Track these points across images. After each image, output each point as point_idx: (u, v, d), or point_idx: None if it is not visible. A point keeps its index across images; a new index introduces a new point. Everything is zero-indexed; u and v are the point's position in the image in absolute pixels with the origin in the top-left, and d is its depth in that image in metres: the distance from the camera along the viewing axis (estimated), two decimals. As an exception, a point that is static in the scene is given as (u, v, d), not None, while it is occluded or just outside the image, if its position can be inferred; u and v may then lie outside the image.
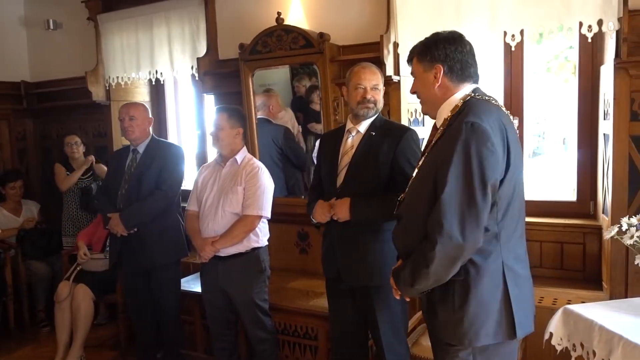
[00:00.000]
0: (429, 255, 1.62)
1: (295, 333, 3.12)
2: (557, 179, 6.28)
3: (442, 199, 1.60)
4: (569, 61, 6.41)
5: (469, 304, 1.68)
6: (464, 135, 1.61)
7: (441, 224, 1.59)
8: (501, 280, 1.70)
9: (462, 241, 1.59)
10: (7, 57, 4.74)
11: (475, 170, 1.59)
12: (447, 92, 1.78)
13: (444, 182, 1.61)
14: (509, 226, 1.71)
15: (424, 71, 1.81)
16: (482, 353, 1.72)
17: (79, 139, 4.21)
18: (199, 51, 3.88)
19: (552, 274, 3.06)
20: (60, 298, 3.59)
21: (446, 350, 1.77)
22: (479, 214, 1.60)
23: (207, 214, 2.89)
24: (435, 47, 1.78)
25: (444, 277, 1.67)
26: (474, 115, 1.64)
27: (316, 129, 3.80)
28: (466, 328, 1.69)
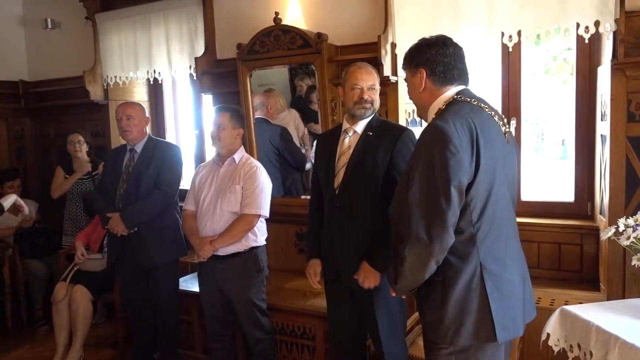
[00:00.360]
0: (402, 255, 1.70)
1: (292, 333, 3.12)
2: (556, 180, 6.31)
3: (408, 201, 1.67)
4: (568, 62, 6.42)
5: (447, 304, 1.72)
6: (426, 138, 1.69)
7: (408, 226, 1.66)
8: (478, 282, 1.71)
9: (429, 242, 1.64)
10: (5, 56, 4.74)
11: (437, 172, 1.63)
12: (432, 95, 1.84)
13: (410, 184, 1.67)
14: (487, 228, 1.72)
15: (411, 76, 1.89)
16: (462, 353, 1.75)
17: (82, 138, 4.19)
18: (197, 51, 3.88)
19: (550, 274, 3.07)
20: (57, 299, 3.58)
21: (431, 348, 1.82)
22: (443, 215, 1.63)
23: (205, 213, 2.89)
24: (417, 51, 1.87)
25: (420, 276, 1.72)
26: (440, 118, 1.70)
27: (315, 129, 3.80)
28: (446, 327, 1.73)
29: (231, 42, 3.65)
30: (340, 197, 2.45)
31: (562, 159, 9.32)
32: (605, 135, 2.79)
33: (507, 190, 1.81)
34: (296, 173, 3.86)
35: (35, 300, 4.26)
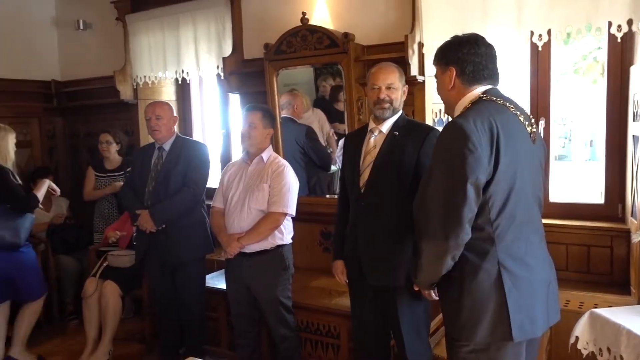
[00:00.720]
0: (420, 249, 1.78)
1: (317, 331, 3.14)
2: (583, 182, 6.19)
3: (426, 196, 1.71)
4: (598, 62, 6.30)
5: (464, 300, 1.74)
6: (446, 135, 1.72)
7: (426, 221, 1.71)
8: (497, 281, 1.71)
9: (445, 238, 1.67)
10: (39, 57, 4.87)
11: (454, 168, 1.65)
12: (460, 94, 1.86)
13: (427, 180, 1.72)
14: (506, 227, 1.72)
15: (441, 73, 1.91)
16: (483, 352, 1.75)
17: (111, 138, 4.27)
18: (225, 51, 3.93)
19: (579, 277, 3.02)
20: (87, 294, 3.67)
21: (452, 345, 1.83)
22: (459, 211, 1.65)
23: (233, 211, 2.93)
24: (448, 49, 1.88)
25: (437, 270, 1.76)
26: (461, 115, 1.73)
27: (339, 129, 3.81)
28: (463, 323, 1.75)
29: (258, 42, 3.69)
30: (365, 196, 2.46)
31: (590, 160, 9.14)
32: (637, 136, 2.73)
33: (532, 190, 1.80)
34: (321, 172, 3.88)
35: (66, 295, 4.37)
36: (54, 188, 3.75)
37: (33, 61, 4.81)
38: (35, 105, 4.79)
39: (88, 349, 3.64)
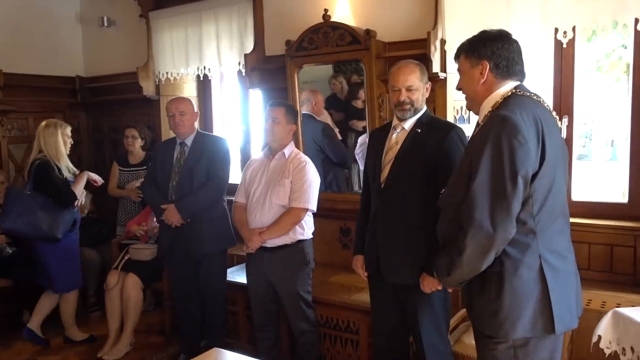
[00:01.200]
0: (461, 245, 1.70)
1: (337, 326, 3.15)
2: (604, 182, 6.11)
3: (472, 190, 1.68)
4: (621, 60, 6.20)
5: (504, 296, 1.72)
6: (495, 127, 1.68)
7: (472, 214, 1.67)
8: (539, 274, 1.72)
9: (492, 231, 1.65)
10: (64, 53, 4.96)
11: (505, 161, 1.64)
12: (491, 88, 1.84)
13: (475, 173, 1.68)
14: (546, 221, 1.73)
15: (471, 67, 1.87)
16: (522, 348, 1.74)
17: (137, 133, 4.34)
18: (247, 47, 3.96)
19: (601, 277, 2.99)
20: (110, 286, 3.73)
21: (485, 343, 1.81)
22: (508, 205, 1.64)
23: (255, 206, 2.96)
24: (482, 44, 1.85)
25: (477, 267, 1.73)
26: (506, 109, 1.71)
27: (357, 127, 3.82)
28: (502, 320, 1.72)
29: (280, 38, 3.71)
30: (385, 192, 2.47)
31: (611, 160, 9.02)
32: (663, 135, 2.70)
33: (564, 185, 1.82)
34: (338, 169, 3.87)
35: (88, 287, 4.43)
36: (95, 179, 3.84)
37: (58, 57, 4.90)
38: (60, 101, 4.89)
39: (110, 340, 3.70)
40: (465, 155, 1.84)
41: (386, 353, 2.66)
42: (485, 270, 1.74)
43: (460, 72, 1.95)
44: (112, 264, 3.93)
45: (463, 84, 1.94)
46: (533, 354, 1.75)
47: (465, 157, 1.82)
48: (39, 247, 3.62)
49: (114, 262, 3.92)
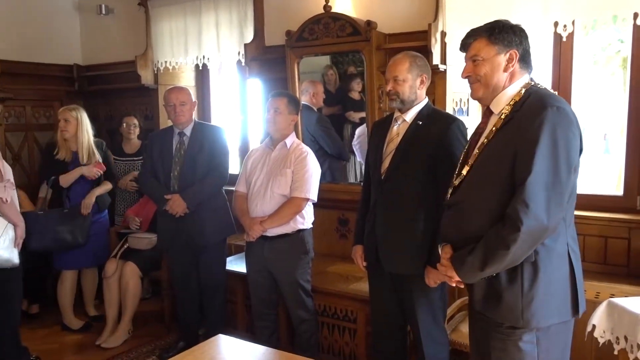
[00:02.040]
0: (510, 238, 1.64)
1: (335, 315, 3.19)
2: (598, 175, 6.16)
3: (529, 181, 1.63)
4: (618, 53, 6.23)
5: (538, 285, 1.73)
6: (551, 118, 1.65)
7: (528, 205, 1.63)
8: (567, 260, 1.77)
9: (547, 223, 1.64)
10: (61, 41, 4.92)
11: (562, 152, 1.64)
12: (513, 78, 1.82)
13: (530, 164, 1.64)
14: (570, 209, 1.78)
15: (497, 54, 1.80)
16: (545, 333, 1.77)
17: (137, 122, 4.35)
18: (246, 37, 3.95)
19: (595, 268, 3.03)
20: (108, 274, 3.75)
21: (507, 334, 1.79)
22: (562, 196, 1.66)
23: (256, 195, 2.98)
24: (512, 31, 1.81)
25: (519, 259, 1.71)
26: (555, 100, 1.70)
27: (354, 118, 3.84)
28: (534, 309, 1.73)
29: (280, 29, 3.71)
30: (385, 183, 2.49)
31: (605, 153, 9.09)
32: (659, 128, 2.74)
33: None
34: (333, 160, 3.88)
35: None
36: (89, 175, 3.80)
37: (55, 45, 4.87)
38: (57, 89, 4.86)
39: (108, 328, 3.73)
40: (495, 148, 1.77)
41: (384, 342, 2.70)
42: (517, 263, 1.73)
43: (477, 57, 1.83)
44: (111, 252, 3.94)
45: (481, 71, 1.83)
46: (555, 338, 1.79)
47: (498, 149, 1.76)
48: None
49: (113, 250, 3.94)
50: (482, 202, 1.77)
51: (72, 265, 3.90)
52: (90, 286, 4.07)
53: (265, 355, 2.10)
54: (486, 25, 1.84)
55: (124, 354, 3.55)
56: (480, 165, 1.82)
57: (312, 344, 3.08)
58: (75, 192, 3.81)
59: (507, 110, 1.78)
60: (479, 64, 1.83)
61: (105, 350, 3.59)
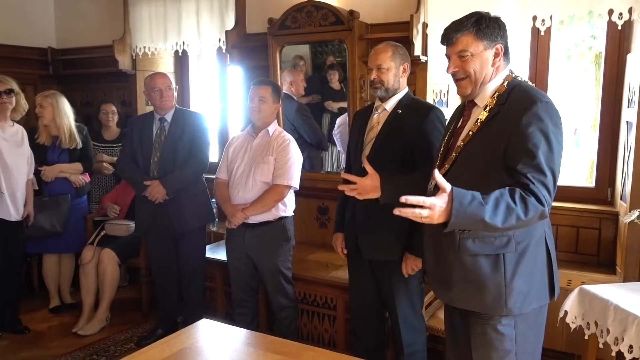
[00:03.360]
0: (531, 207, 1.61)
1: (314, 302, 3.22)
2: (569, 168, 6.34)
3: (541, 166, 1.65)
4: (590, 49, 6.38)
5: (520, 272, 1.77)
6: (542, 113, 1.69)
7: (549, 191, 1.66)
8: (544, 245, 1.82)
9: (548, 210, 1.68)
10: (34, 23, 4.79)
11: (555, 145, 1.69)
12: (496, 72, 1.83)
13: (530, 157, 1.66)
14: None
15: (485, 49, 1.79)
16: (523, 317, 1.81)
17: (115, 108, 4.29)
18: (227, 24, 3.92)
19: (567, 257, 3.13)
20: (85, 261, 3.71)
21: (486, 319, 1.82)
22: (555, 185, 1.71)
23: (238, 183, 2.98)
24: (497, 25, 1.81)
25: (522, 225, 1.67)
26: (541, 94, 1.75)
27: (332, 107, 3.86)
28: (515, 296, 1.77)
29: (261, 16, 3.70)
30: (365, 171, 2.52)
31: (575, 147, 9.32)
32: (631, 122, 2.82)
33: None
34: (312, 149, 3.89)
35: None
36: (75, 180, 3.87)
37: (28, 27, 4.75)
38: (31, 73, 4.73)
39: (85, 316, 3.70)
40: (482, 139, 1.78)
41: (362, 328, 2.74)
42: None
43: (465, 53, 1.80)
44: (87, 239, 3.89)
45: (471, 67, 1.80)
46: (531, 320, 1.84)
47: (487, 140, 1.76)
48: None
49: (89, 237, 3.89)
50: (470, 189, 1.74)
51: (50, 249, 3.91)
52: (67, 273, 4.03)
53: (248, 339, 2.12)
54: (471, 19, 1.80)
55: (102, 341, 3.53)
56: (465, 157, 1.82)
57: (292, 330, 3.11)
58: (55, 180, 3.81)
59: (491, 103, 1.79)
60: (468, 59, 1.80)
61: (83, 337, 3.56)
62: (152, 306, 3.77)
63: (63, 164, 3.82)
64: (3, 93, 3.43)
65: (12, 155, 3.43)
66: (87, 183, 3.95)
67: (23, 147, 3.53)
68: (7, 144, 3.43)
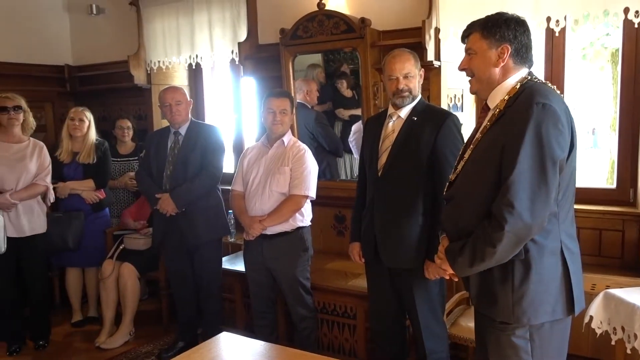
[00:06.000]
0: (495, 236, 1.64)
1: (334, 312, 3.21)
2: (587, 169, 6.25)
3: (512, 179, 1.62)
4: (606, 48, 6.30)
5: (529, 282, 1.71)
6: (536, 115, 1.63)
7: (512, 204, 1.61)
8: (560, 258, 1.74)
9: (531, 221, 1.62)
10: (51, 41, 4.88)
11: (546, 149, 1.62)
12: (507, 74, 1.80)
13: (514, 162, 1.63)
14: (565, 206, 1.75)
15: (488, 48, 1.79)
16: (538, 331, 1.76)
17: (130, 124, 4.33)
18: (240, 36, 3.95)
19: (590, 260, 3.07)
20: (105, 276, 3.74)
21: (501, 329, 1.79)
22: (548, 194, 1.63)
23: (254, 194, 2.98)
24: (506, 26, 1.78)
25: (507, 257, 1.70)
26: (542, 96, 1.67)
27: (344, 115, 3.86)
28: (525, 307, 1.72)
29: (273, 27, 3.71)
30: (382, 180, 2.51)
31: (593, 147, 9.19)
32: (652, 121, 2.78)
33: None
34: (331, 157, 3.89)
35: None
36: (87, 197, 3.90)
37: (46, 46, 4.83)
38: (49, 90, 4.82)
39: (106, 329, 3.72)
40: (486, 144, 1.77)
41: (383, 337, 2.72)
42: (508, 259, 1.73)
43: (471, 51, 1.84)
44: (107, 253, 3.92)
45: (474, 65, 1.84)
46: (549, 335, 1.77)
47: (489, 145, 1.75)
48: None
49: (108, 251, 3.92)
50: (473, 196, 1.77)
51: (72, 263, 3.97)
52: (92, 287, 4.05)
53: (269, 352, 2.11)
54: (482, 19, 1.83)
55: (123, 354, 3.54)
56: (472, 161, 1.82)
57: (312, 341, 3.10)
58: (70, 197, 3.86)
59: (501, 106, 1.77)
60: (472, 57, 1.84)
61: (105, 351, 3.58)
62: (173, 318, 3.79)
63: (74, 182, 3.85)
64: (11, 109, 3.47)
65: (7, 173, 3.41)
66: (104, 198, 3.98)
67: (26, 161, 3.48)
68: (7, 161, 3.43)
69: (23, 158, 3.49)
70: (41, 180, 3.51)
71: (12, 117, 3.47)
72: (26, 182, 3.46)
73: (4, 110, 3.44)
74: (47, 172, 3.56)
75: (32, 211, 3.50)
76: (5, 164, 3.43)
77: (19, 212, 3.43)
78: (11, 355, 3.54)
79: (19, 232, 3.44)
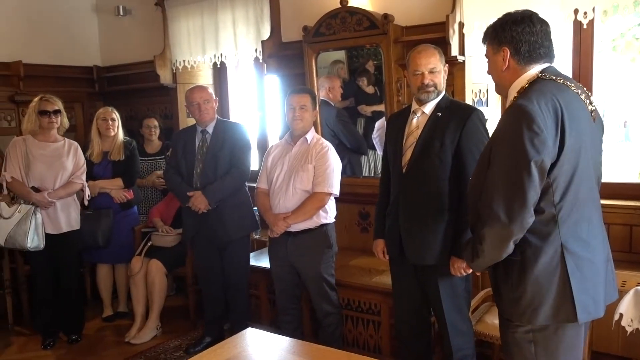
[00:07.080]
0: (480, 234, 1.73)
1: (358, 308, 3.21)
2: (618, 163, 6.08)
3: (489, 181, 1.68)
4: (637, 39, 6.12)
5: (525, 283, 1.72)
6: (510, 117, 1.69)
7: (489, 205, 1.67)
8: (559, 263, 1.70)
9: (508, 222, 1.64)
10: (80, 43, 5.01)
11: (518, 151, 1.62)
12: (515, 74, 1.80)
13: (492, 163, 1.69)
14: (569, 208, 1.70)
15: (493, 54, 1.85)
16: (541, 332, 1.75)
17: (157, 123, 4.40)
18: (263, 34, 3.98)
19: (621, 257, 3.00)
20: (133, 272, 3.82)
21: (507, 325, 1.83)
22: (524, 195, 1.63)
23: (278, 191, 3.01)
24: (501, 29, 1.80)
25: (498, 255, 1.75)
26: (524, 97, 1.68)
27: (366, 112, 3.86)
28: (523, 307, 1.74)
29: (296, 25, 3.73)
30: (407, 176, 2.50)
31: (625, 141, 8.96)
32: (684, 114, 2.70)
33: (593, 170, 1.78)
34: (352, 155, 3.89)
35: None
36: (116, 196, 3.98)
37: (75, 47, 4.95)
38: (78, 91, 4.96)
39: (136, 325, 3.80)
40: (487, 145, 1.82)
41: (408, 333, 2.71)
42: (509, 257, 1.74)
43: (486, 57, 1.91)
44: (135, 250, 4.01)
45: (490, 71, 1.91)
46: (552, 338, 1.75)
47: (487, 146, 1.80)
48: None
49: (137, 248, 4.00)
50: (474, 196, 1.81)
51: (103, 259, 4.08)
52: (122, 282, 4.16)
53: (294, 347, 2.13)
54: (490, 24, 1.88)
55: (152, 349, 3.62)
56: (478, 161, 1.88)
57: (337, 337, 3.11)
58: (100, 195, 3.95)
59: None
60: (488, 63, 1.91)
61: (134, 346, 3.67)
62: (200, 314, 3.85)
63: (103, 181, 3.94)
64: (52, 113, 3.58)
65: (46, 171, 3.55)
66: (133, 197, 4.05)
67: (62, 159, 3.61)
68: (46, 159, 3.57)
69: (60, 156, 3.62)
70: (77, 178, 3.62)
71: (52, 121, 3.59)
72: (63, 180, 3.59)
73: (44, 114, 3.56)
74: (83, 171, 3.67)
75: (68, 208, 3.62)
76: (44, 161, 3.56)
77: (56, 209, 3.55)
78: (45, 349, 3.66)
79: (56, 228, 3.56)
